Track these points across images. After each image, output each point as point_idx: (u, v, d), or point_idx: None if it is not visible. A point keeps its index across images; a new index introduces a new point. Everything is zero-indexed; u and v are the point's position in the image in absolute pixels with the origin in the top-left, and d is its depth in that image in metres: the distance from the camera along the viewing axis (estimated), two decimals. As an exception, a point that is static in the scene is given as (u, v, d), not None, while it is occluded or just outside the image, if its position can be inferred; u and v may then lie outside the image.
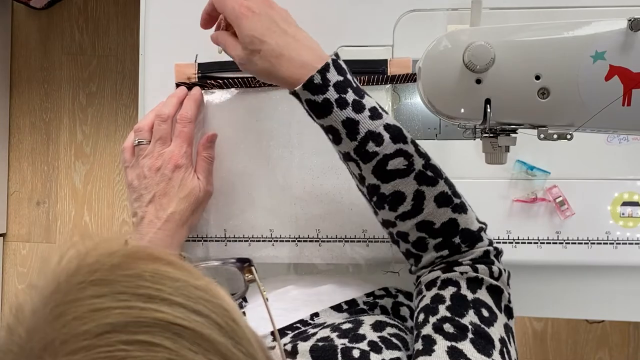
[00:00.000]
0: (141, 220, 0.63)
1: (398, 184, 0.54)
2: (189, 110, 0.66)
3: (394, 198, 0.55)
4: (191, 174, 0.65)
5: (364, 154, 0.54)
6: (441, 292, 0.52)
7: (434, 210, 0.54)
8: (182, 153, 0.64)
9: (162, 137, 0.64)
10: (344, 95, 0.54)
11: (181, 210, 0.63)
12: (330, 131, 0.56)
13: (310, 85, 0.54)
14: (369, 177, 0.56)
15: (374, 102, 0.56)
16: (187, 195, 0.64)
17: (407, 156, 0.55)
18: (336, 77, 0.54)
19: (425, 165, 0.55)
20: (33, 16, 1.85)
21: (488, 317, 0.50)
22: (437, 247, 0.55)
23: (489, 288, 0.53)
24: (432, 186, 0.55)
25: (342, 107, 0.54)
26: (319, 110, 0.55)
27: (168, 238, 0.63)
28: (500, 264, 0.56)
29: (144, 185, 0.63)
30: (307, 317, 0.60)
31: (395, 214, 0.56)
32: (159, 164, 0.63)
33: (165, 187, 0.63)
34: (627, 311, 0.74)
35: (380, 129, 0.54)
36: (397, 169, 0.54)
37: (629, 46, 0.45)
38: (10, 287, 1.86)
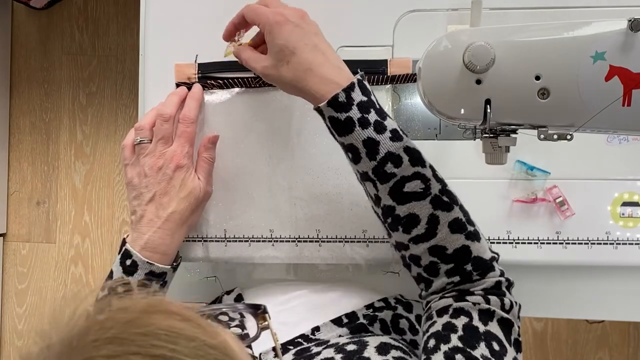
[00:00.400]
0: (140, 218, 0.63)
1: (413, 206, 0.55)
2: (191, 110, 0.67)
3: (408, 220, 0.55)
4: (192, 174, 0.65)
5: (382, 174, 0.55)
6: (453, 321, 0.52)
7: (447, 236, 0.55)
8: (184, 153, 0.64)
9: (164, 136, 0.64)
10: (366, 115, 0.55)
11: (181, 210, 0.63)
12: (350, 150, 0.56)
13: (335, 103, 0.54)
14: (385, 198, 0.56)
15: (396, 125, 0.56)
16: (188, 195, 0.64)
17: (425, 180, 0.55)
18: (360, 97, 0.55)
19: (441, 190, 0.55)
20: (33, 16, 1.85)
21: (498, 350, 0.50)
22: (448, 272, 0.55)
23: (500, 321, 0.53)
24: (447, 211, 0.55)
25: (364, 126, 0.54)
26: (341, 128, 0.55)
27: (167, 237, 0.63)
28: (511, 297, 0.56)
29: (145, 183, 0.63)
30: (308, 331, 0.59)
31: (408, 237, 0.56)
32: (161, 163, 0.63)
33: (166, 187, 0.63)
34: (627, 311, 0.74)
35: (400, 151, 0.55)
36: (413, 192, 0.55)
37: (629, 46, 0.45)
38: (10, 287, 1.86)
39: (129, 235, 0.64)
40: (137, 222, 0.63)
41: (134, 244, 0.63)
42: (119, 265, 0.63)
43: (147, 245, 0.62)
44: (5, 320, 1.86)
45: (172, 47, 0.71)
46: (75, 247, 1.83)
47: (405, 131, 0.57)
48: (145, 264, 0.61)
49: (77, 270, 1.83)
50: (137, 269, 0.62)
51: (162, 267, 0.62)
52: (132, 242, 0.63)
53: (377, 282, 0.72)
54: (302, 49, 0.56)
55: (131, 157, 0.65)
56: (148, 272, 0.62)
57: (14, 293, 1.86)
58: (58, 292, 1.84)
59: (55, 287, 1.84)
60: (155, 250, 0.62)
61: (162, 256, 0.63)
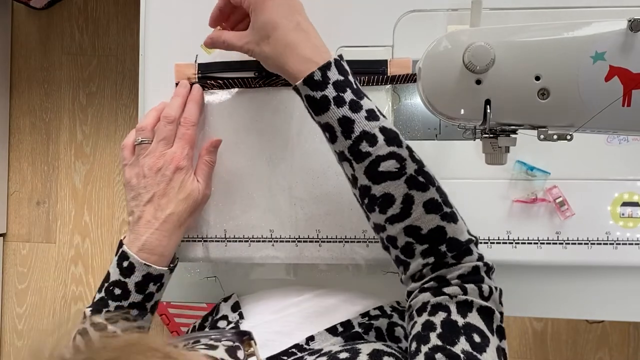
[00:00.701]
0: (138, 219, 0.63)
1: (388, 186, 0.55)
2: (192, 114, 0.67)
3: (383, 200, 0.55)
4: (191, 177, 0.65)
5: (357, 153, 0.55)
6: (431, 319, 0.51)
7: (422, 216, 0.54)
8: (184, 155, 0.64)
9: (165, 137, 0.64)
10: (342, 94, 0.55)
11: (179, 211, 0.63)
12: (327, 129, 0.57)
13: (310, 82, 0.55)
14: (361, 178, 0.56)
15: (373, 105, 0.57)
16: (186, 197, 0.64)
17: (400, 159, 0.55)
18: (336, 76, 0.55)
19: (417, 170, 0.55)
20: (33, 16, 1.85)
21: (480, 342, 0.49)
22: (423, 253, 0.55)
23: (480, 310, 0.52)
24: (422, 191, 0.55)
25: (339, 105, 0.55)
26: (317, 106, 0.56)
27: (165, 239, 0.63)
28: (491, 281, 0.55)
29: (143, 184, 0.63)
30: (302, 341, 0.59)
31: (384, 217, 0.56)
32: (160, 164, 0.63)
33: (165, 188, 0.63)
34: (627, 311, 0.74)
35: (375, 131, 0.55)
36: (388, 171, 0.55)
37: (629, 47, 0.45)
38: (10, 287, 1.86)
39: (126, 236, 0.64)
40: (134, 223, 0.63)
41: (131, 245, 0.62)
42: (115, 267, 0.62)
43: (144, 246, 0.62)
44: (5, 320, 1.86)
45: (172, 47, 0.71)
46: (75, 247, 1.83)
47: (406, 131, 0.57)
48: (142, 265, 0.61)
49: (77, 270, 1.83)
50: (134, 271, 0.61)
51: (159, 269, 0.62)
52: (129, 244, 0.63)
53: (376, 282, 0.72)
54: (284, 26, 0.56)
55: (130, 158, 0.65)
56: (145, 273, 0.62)
57: (14, 293, 1.86)
58: (58, 292, 1.84)
59: (55, 287, 1.84)
60: (153, 252, 0.62)
61: (160, 258, 0.63)
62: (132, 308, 0.62)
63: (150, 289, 0.63)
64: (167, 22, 0.72)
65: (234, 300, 0.71)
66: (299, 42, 0.56)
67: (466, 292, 0.52)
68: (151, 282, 0.62)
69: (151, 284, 0.62)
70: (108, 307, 0.61)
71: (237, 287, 0.75)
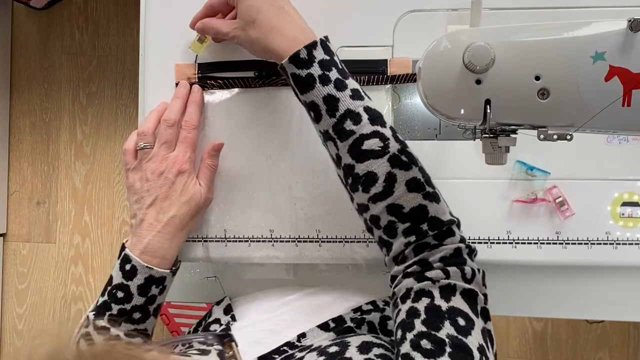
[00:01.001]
0: (141, 222, 0.63)
1: (371, 164, 0.55)
2: (193, 117, 0.67)
3: (366, 179, 0.56)
4: (193, 180, 0.66)
5: (341, 131, 0.56)
6: (415, 305, 0.51)
7: (404, 194, 0.55)
8: (186, 158, 0.65)
9: (167, 141, 0.65)
10: (327, 72, 0.56)
11: (181, 214, 0.64)
12: (311, 108, 0.57)
13: (296, 60, 0.56)
14: (345, 157, 0.57)
15: (357, 86, 0.58)
16: (189, 201, 0.64)
17: (383, 138, 0.56)
18: (322, 55, 0.57)
19: (400, 150, 0.56)
20: (33, 16, 1.85)
21: (465, 325, 0.49)
22: (405, 232, 0.55)
23: (463, 293, 0.52)
24: (404, 170, 0.55)
25: (324, 83, 0.56)
26: (303, 85, 0.57)
27: (167, 241, 0.63)
28: (473, 264, 0.55)
29: (146, 188, 0.64)
30: (294, 338, 0.59)
31: (367, 196, 0.56)
32: (163, 167, 0.64)
33: (168, 191, 0.64)
34: (627, 311, 0.74)
35: (360, 110, 0.56)
36: (371, 149, 0.55)
37: (628, 47, 0.45)
38: (10, 287, 1.86)
39: (129, 239, 0.65)
40: (137, 225, 0.64)
41: (134, 248, 0.63)
42: (118, 270, 0.63)
43: (146, 249, 0.62)
44: (5, 320, 1.86)
45: (172, 47, 0.71)
46: (75, 247, 1.83)
47: (406, 131, 0.57)
48: (144, 268, 0.62)
49: (77, 270, 1.83)
50: (136, 274, 0.62)
51: (161, 272, 0.63)
52: (131, 247, 0.63)
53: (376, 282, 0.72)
54: (267, 9, 0.58)
55: (133, 162, 0.66)
56: (147, 276, 0.62)
57: (14, 293, 1.86)
58: (58, 292, 1.84)
59: (55, 287, 1.84)
60: (155, 255, 0.62)
61: (162, 260, 0.63)
62: (134, 311, 0.62)
63: (152, 292, 0.63)
64: (167, 22, 0.72)
65: (226, 303, 0.71)
66: (283, 23, 0.58)
67: (449, 275, 0.52)
68: (153, 284, 0.62)
69: (153, 287, 0.63)
70: (111, 310, 0.62)
71: (237, 287, 0.75)
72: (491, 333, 0.52)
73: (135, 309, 0.62)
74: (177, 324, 1.66)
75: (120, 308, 0.62)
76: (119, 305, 0.62)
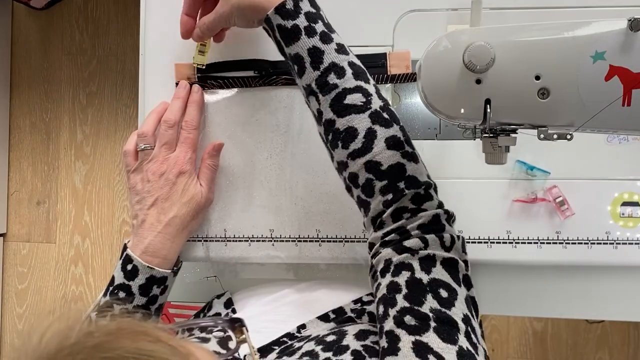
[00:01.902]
0: (142, 223, 0.64)
1: (352, 119, 0.55)
2: (193, 118, 0.67)
3: (346, 134, 0.55)
4: (194, 180, 0.66)
5: (324, 84, 0.56)
6: (396, 279, 0.50)
7: (382, 151, 0.54)
8: (186, 159, 0.65)
9: (167, 142, 0.65)
10: (313, 24, 0.56)
11: (182, 215, 0.64)
12: (296, 61, 0.57)
13: (282, 10, 0.56)
14: (326, 112, 0.56)
15: (343, 41, 0.57)
16: (189, 201, 0.65)
17: (366, 94, 0.55)
18: (308, 8, 0.56)
19: (382, 107, 0.55)
20: (33, 16, 1.85)
21: (447, 297, 0.48)
22: (382, 190, 0.54)
23: (444, 262, 0.51)
24: (385, 127, 0.55)
25: (310, 35, 0.56)
26: (287, 36, 0.56)
27: (168, 242, 0.63)
28: (452, 229, 0.54)
29: (147, 188, 0.64)
30: (293, 329, 0.59)
31: (347, 152, 0.55)
32: (164, 168, 0.64)
33: (169, 192, 0.64)
34: (627, 311, 0.74)
35: (345, 64, 0.56)
36: (353, 104, 0.55)
37: (629, 46, 0.45)
38: (11, 287, 1.86)
39: (130, 240, 0.65)
40: (138, 226, 0.64)
41: (135, 248, 0.63)
42: (120, 270, 0.63)
43: (147, 249, 0.62)
44: (5, 320, 1.86)
45: (172, 47, 0.71)
46: (75, 247, 1.83)
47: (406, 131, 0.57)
48: (145, 268, 0.62)
49: (77, 270, 1.83)
50: (137, 274, 0.62)
51: (162, 272, 0.63)
52: (133, 247, 0.63)
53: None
54: None
55: (134, 163, 0.66)
56: (149, 276, 0.62)
57: (14, 293, 1.86)
58: (58, 292, 1.84)
59: (55, 287, 1.84)
60: (156, 255, 0.63)
61: (163, 260, 0.63)
62: (136, 311, 0.62)
63: (154, 292, 0.63)
64: (167, 22, 0.72)
65: (227, 297, 0.71)
66: None
67: (427, 244, 0.51)
68: (155, 284, 0.63)
69: (155, 287, 0.63)
70: (113, 310, 0.62)
71: (237, 287, 0.75)
72: (475, 300, 0.51)
73: (137, 309, 0.62)
74: (177, 324, 1.65)
75: (122, 308, 0.62)
76: (120, 305, 0.62)
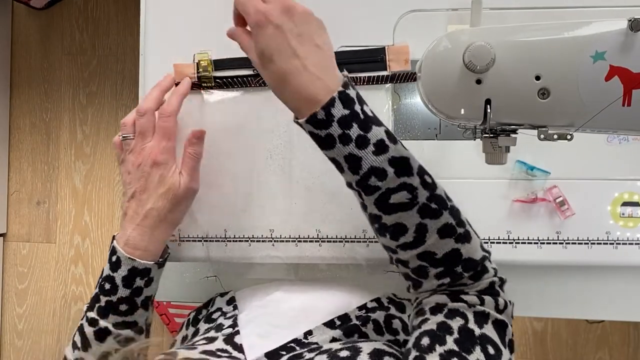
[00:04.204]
0: (124, 215, 0.64)
1: (400, 216, 0.53)
2: (170, 105, 0.66)
3: (395, 229, 0.54)
4: (171, 170, 0.64)
5: (366, 187, 0.53)
6: (448, 322, 0.51)
7: (436, 242, 0.53)
8: (160, 148, 0.64)
9: (141, 131, 0.64)
10: (347, 131, 0.51)
11: (159, 207, 0.63)
12: (333, 162, 0.54)
13: (314, 120, 0.51)
14: (371, 207, 0.54)
15: (382, 134, 0.52)
16: (166, 192, 0.63)
17: (411, 190, 0.52)
18: (341, 112, 0.51)
19: (429, 197, 0.53)
20: (33, 16, 1.85)
21: (494, 354, 0.50)
22: (438, 275, 0.54)
23: (495, 322, 0.52)
24: (435, 219, 0.53)
25: (345, 143, 0.51)
26: (322, 143, 0.53)
27: (146, 234, 0.63)
28: (505, 295, 0.55)
29: (128, 180, 0.64)
30: (300, 335, 0.59)
31: (396, 243, 0.55)
32: (140, 159, 0.64)
33: (145, 184, 0.63)
34: (627, 311, 0.74)
35: (385, 164, 0.51)
36: (400, 203, 0.52)
37: (629, 46, 0.45)
38: (11, 287, 1.86)
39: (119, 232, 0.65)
40: (122, 217, 0.65)
41: (119, 239, 0.63)
42: (107, 262, 0.64)
43: (128, 241, 0.62)
44: (5, 320, 1.86)
45: (172, 47, 0.71)
46: (75, 247, 1.83)
47: (406, 131, 0.56)
48: (127, 260, 0.62)
49: (77, 270, 1.83)
50: (120, 265, 0.62)
51: (144, 263, 0.62)
52: (118, 239, 0.64)
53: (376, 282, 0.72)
54: (278, 58, 0.51)
55: (121, 155, 0.66)
56: (130, 267, 0.62)
57: (14, 293, 1.86)
58: (58, 292, 1.85)
59: (55, 287, 1.85)
60: (136, 247, 0.62)
61: (144, 252, 0.63)
62: (121, 303, 0.62)
63: (137, 284, 0.63)
64: (167, 22, 0.72)
65: (230, 295, 0.71)
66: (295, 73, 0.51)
67: (483, 302, 0.53)
68: (137, 276, 0.62)
69: (138, 279, 0.63)
70: (100, 302, 0.62)
71: (237, 287, 0.75)
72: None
73: (121, 301, 0.62)
74: (177, 324, 1.66)
75: (107, 300, 0.62)
76: (106, 297, 0.62)
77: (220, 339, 0.58)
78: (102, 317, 0.62)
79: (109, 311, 0.62)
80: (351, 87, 0.52)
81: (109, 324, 0.62)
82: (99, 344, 0.61)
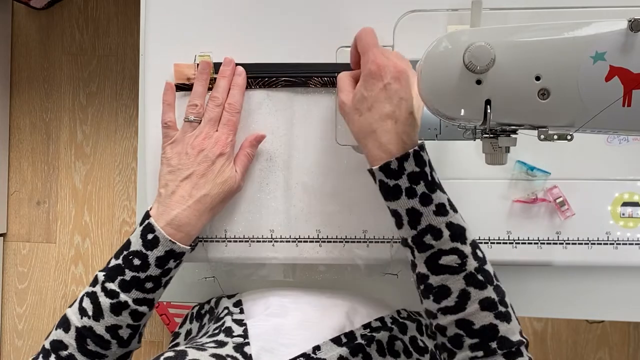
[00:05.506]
0: (172, 194, 0.64)
1: (447, 279, 0.55)
2: (237, 100, 0.68)
3: (439, 291, 0.56)
4: (231, 164, 0.67)
5: (420, 243, 0.56)
6: None
7: (476, 312, 0.55)
8: (227, 141, 0.66)
9: (213, 118, 0.66)
10: (415, 185, 0.55)
11: (214, 194, 0.64)
12: (394, 214, 0.58)
13: (386, 169, 0.56)
14: (420, 266, 0.57)
15: (444, 199, 0.56)
16: (223, 183, 0.65)
17: (462, 256, 0.55)
18: (413, 167, 0.56)
19: (478, 268, 0.55)
20: (33, 16, 1.85)
21: None
22: (472, 347, 0.55)
23: None
24: (479, 289, 0.55)
25: (410, 196, 0.55)
26: (389, 193, 0.57)
27: (194, 218, 0.63)
28: None
29: (184, 161, 0.65)
30: (309, 350, 0.59)
31: (438, 306, 0.56)
32: (205, 145, 0.65)
33: (206, 169, 0.64)
34: (627, 311, 0.74)
35: (442, 226, 0.55)
36: (448, 265, 0.55)
37: (629, 47, 0.45)
38: (11, 287, 1.86)
39: (153, 208, 0.64)
40: (167, 196, 0.64)
41: (160, 218, 0.63)
42: (139, 237, 0.62)
43: (173, 221, 0.62)
44: (5, 320, 1.86)
45: (172, 47, 0.71)
46: (76, 247, 1.83)
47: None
48: (167, 241, 0.61)
49: (77, 270, 1.83)
50: (157, 245, 0.61)
51: (182, 247, 0.63)
52: (157, 216, 0.63)
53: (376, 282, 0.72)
54: (377, 109, 0.57)
55: (174, 135, 0.66)
56: (169, 249, 0.62)
57: (14, 293, 1.86)
58: (58, 292, 1.85)
59: (55, 287, 1.85)
60: (180, 229, 0.62)
61: (185, 236, 0.63)
62: (148, 280, 0.62)
63: (169, 265, 0.63)
64: (167, 22, 0.72)
65: (238, 298, 0.71)
66: (385, 131, 0.56)
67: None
68: (172, 258, 0.62)
69: (172, 261, 0.63)
70: (124, 275, 0.61)
71: (236, 288, 0.75)
72: None
73: (149, 279, 0.62)
74: (177, 324, 1.66)
75: (134, 275, 0.61)
76: (133, 272, 0.61)
77: (230, 345, 0.58)
78: (124, 290, 0.61)
79: (132, 286, 0.61)
80: (426, 152, 0.57)
81: (129, 299, 0.61)
82: (113, 316, 0.60)
